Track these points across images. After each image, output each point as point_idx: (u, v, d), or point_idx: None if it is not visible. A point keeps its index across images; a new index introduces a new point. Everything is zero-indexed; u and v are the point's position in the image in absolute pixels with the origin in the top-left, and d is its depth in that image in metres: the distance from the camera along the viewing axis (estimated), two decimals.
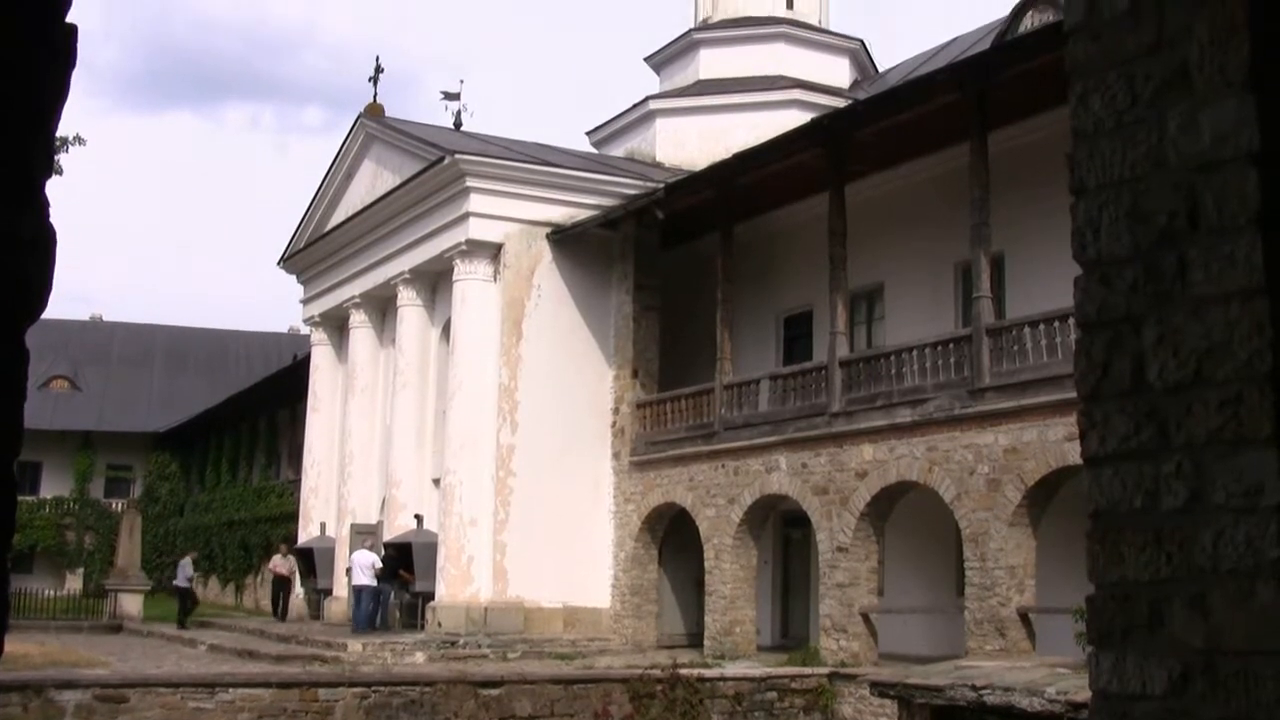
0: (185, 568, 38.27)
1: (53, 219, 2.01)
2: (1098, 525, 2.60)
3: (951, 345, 22.67)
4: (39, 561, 62.11)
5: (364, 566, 30.32)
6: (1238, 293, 2.38)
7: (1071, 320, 17.14)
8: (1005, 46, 23.87)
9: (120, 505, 60.49)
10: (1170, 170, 2.54)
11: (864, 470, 23.67)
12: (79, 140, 19.42)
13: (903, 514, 24.50)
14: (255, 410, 54.11)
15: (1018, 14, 28.10)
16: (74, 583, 60.62)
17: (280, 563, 37.68)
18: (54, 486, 65.31)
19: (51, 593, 45.99)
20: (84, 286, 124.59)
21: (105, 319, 76.32)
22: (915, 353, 23.31)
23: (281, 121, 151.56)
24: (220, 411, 56.89)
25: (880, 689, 16.42)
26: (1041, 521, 21.07)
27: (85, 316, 75.60)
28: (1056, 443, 19.96)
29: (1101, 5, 2.70)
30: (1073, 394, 2.74)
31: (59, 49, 1.99)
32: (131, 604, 39.58)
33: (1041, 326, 20.81)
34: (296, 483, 42.03)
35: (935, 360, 22.83)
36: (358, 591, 30.47)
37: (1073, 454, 18.19)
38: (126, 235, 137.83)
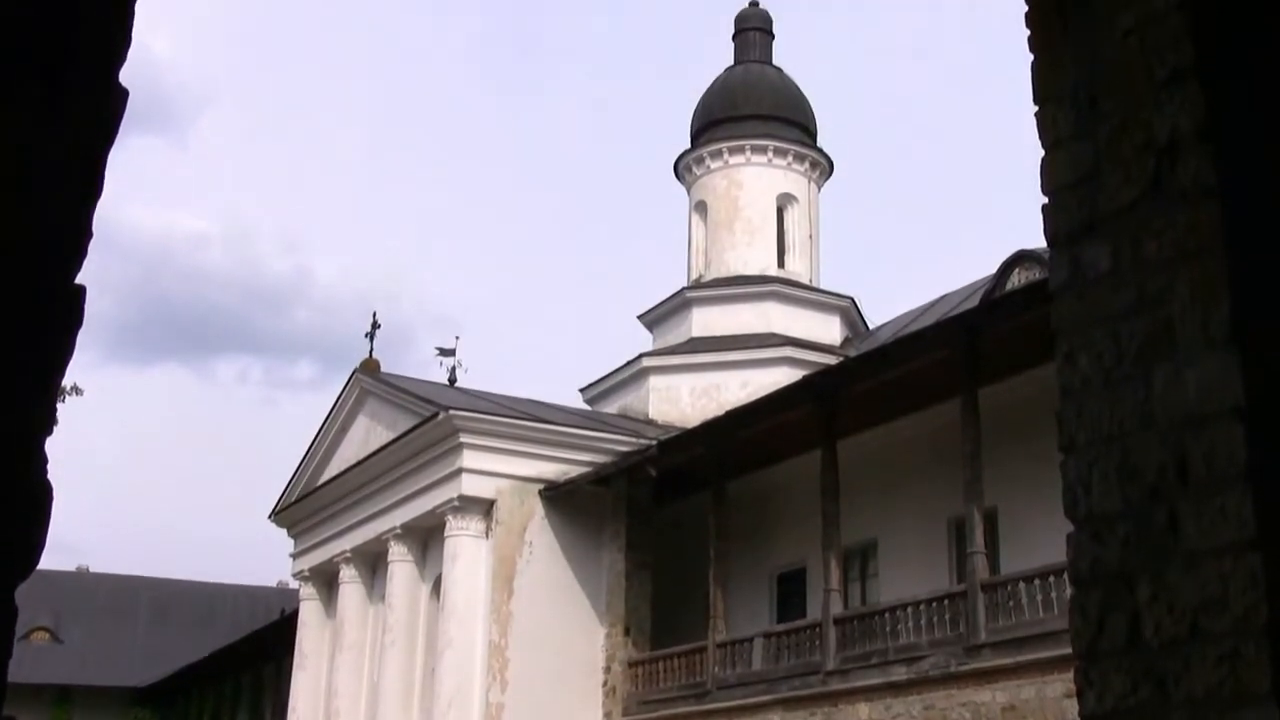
0: None
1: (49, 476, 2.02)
2: None
3: (946, 602, 22.48)
4: None
5: None
6: (1230, 546, 2.38)
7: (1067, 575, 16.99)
8: (993, 303, 24.26)
9: None
10: (1158, 426, 2.56)
11: None
12: (76, 390, 19.49)
13: None
14: (240, 666, 53.17)
15: (1004, 271, 28.61)
16: None
17: None
18: None
19: None
20: (71, 536, 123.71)
21: (92, 569, 75.58)
22: (910, 610, 23.09)
23: (271, 375, 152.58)
24: (204, 666, 55.88)
25: None
26: None
27: (71, 566, 74.83)
28: (1056, 700, 19.60)
29: (1085, 265, 2.77)
30: (1070, 649, 2.72)
31: (67, 309, 2.03)
32: None
33: (1037, 582, 20.66)
34: None
35: (930, 617, 22.60)
36: None
37: (1072, 711, 17.82)
38: (115, 485, 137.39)
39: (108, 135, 2.07)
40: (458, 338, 42.81)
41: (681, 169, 41.77)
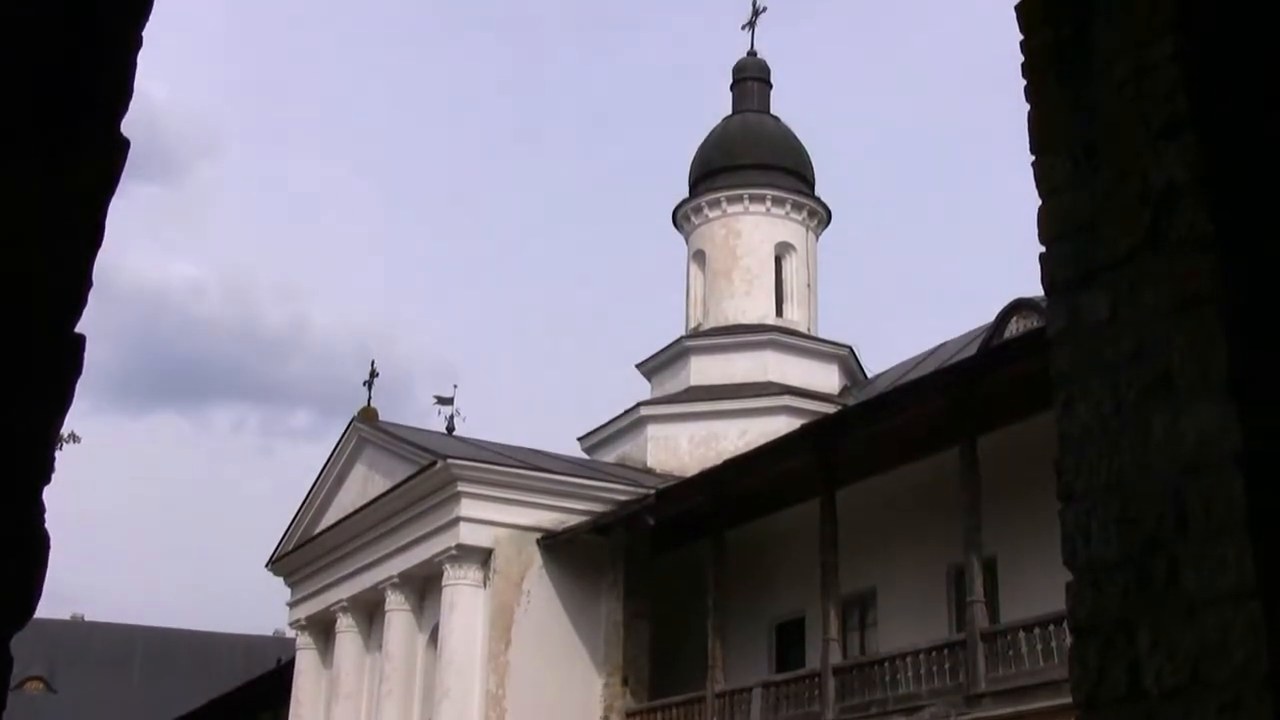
0: None
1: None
2: None
3: (946, 651, 22.38)
4: None
5: None
6: (1230, 595, 2.37)
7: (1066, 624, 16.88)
8: (991, 352, 24.28)
9: None
10: (1156, 474, 2.56)
11: None
12: (74, 438, 19.38)
13: None
14: (236, 715, 52.79)
15: (1003, 319, 28.63)
16: None
17: None
18: None
19: None
20: (66, 584, 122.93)
21: (87, 618, 75.30)
22: (909, 659, 22.98)
23: (268, 424, 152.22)
24: (200, 716, 55.51)
25: None
26: None
27: (66, 615, 74.55)
28: None
29: (1083, 314, 2.78)
30: (1071, 699, 2.70)
31: (68, 358, 2.04)
32: None
33: (1037, 630, 20.57)
34: None
35: (930, 666, 22.50)
36: None
37: None
38: (110, 533, 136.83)
39: (109, 185, 2.08)
40: (456, 386, 42.99)
41: (680, 218, 41.87)
